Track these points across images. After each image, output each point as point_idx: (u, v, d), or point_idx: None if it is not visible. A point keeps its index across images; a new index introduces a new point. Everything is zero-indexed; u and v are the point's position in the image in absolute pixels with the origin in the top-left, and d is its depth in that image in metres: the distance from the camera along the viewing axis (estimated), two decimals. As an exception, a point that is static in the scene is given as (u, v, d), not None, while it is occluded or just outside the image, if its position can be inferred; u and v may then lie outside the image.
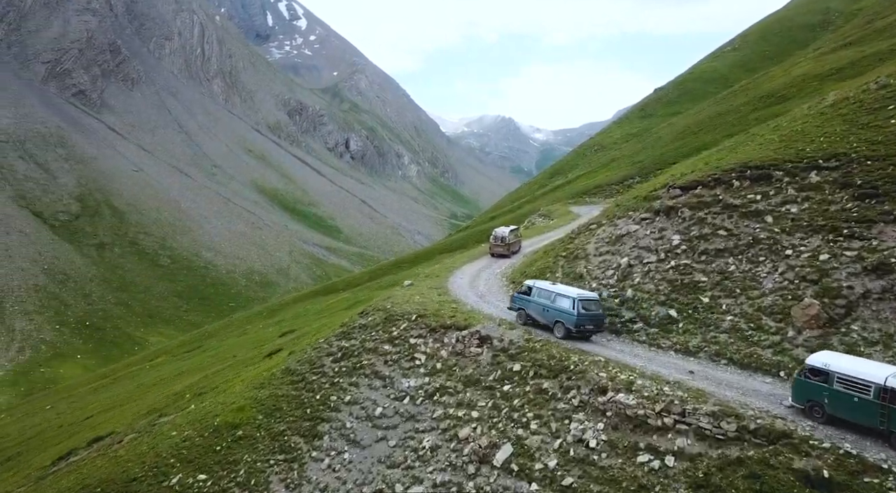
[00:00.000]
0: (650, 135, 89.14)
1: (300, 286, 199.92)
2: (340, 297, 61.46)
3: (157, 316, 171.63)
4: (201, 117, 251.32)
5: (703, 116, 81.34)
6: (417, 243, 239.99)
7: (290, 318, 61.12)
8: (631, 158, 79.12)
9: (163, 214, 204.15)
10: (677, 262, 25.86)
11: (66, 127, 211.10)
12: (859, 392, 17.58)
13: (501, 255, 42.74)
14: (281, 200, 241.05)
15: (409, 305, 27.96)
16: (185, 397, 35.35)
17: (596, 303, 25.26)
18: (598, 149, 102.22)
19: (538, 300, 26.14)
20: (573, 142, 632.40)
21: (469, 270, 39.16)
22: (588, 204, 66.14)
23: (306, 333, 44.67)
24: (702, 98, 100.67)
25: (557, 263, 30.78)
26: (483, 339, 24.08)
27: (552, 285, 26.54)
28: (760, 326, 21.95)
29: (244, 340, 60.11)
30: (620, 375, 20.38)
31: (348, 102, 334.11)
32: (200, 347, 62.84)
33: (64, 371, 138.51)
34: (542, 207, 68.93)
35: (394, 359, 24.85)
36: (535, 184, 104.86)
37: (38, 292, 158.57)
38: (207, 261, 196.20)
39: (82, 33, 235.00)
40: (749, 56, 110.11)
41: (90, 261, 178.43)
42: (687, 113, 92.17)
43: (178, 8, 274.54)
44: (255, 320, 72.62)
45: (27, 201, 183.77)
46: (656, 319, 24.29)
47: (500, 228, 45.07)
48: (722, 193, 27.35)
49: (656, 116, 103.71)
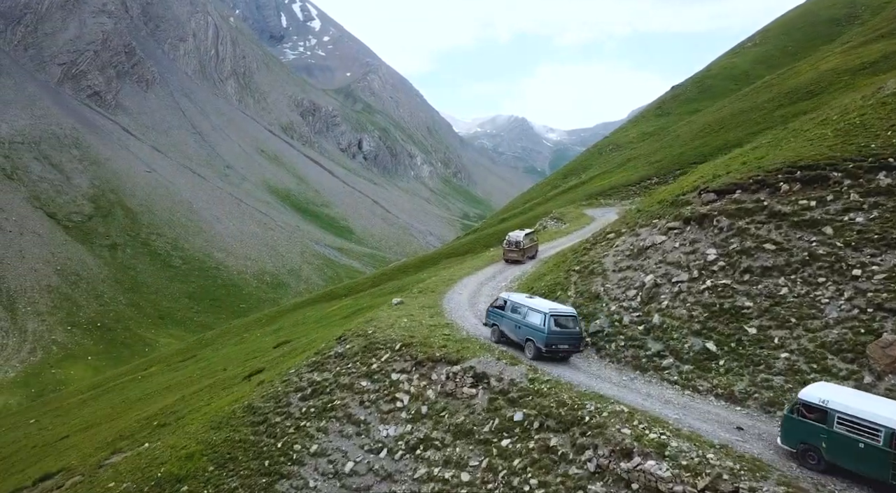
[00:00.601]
0: (668, 133, 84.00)
1: (311, 287, 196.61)
2: (341, 304, 57.18)
3: (168, 317, 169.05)
4: (215, 118, 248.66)
5: (725, 113, 76.10)
6: (429, 244, 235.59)
7: (289, 326, 56.93)
8: (648, 158, 74.11)
9: (175, 215, 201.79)
10: (714, 282, 21.05)
11: (81, 128, 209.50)
12: (866, 437, 13.86)
13: (516, 261, 38.97)
14: (293, 201, 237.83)
15: (393, 330, 23.40)
16: (151, 426, 31.16)
17: (572, 319, 21.97)
18: (614, 148, 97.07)
19: (511, 316, 23.07)
20: (587, 142, 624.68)
21: (472, 281, 34.50)
22: (603, 206, 61.25)
23: (299, 348, 40.35)
24: (721, 95, 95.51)
25: (570, 278, 26.05)
26: (478, 377, 19.47)
27: (526, 299, 23.35)
28: (826, 367, 17.14)
29: (239, 350, 55.99)
30: (649, 432, 15.66)
31: (361, 102, 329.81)
32: (195, 356, 58.86)
33: (74, 373, 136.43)
34: (555, 209, 64.07)
35: (371, 399, 20.29)
36: (548, 184, 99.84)
37: (50, 293, 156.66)
38: (219, 262, 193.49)
39: (98, 35, 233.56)
40: (771, 52, 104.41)
41: (102, 262, 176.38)
42: (706, 111, 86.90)
43: (193, 9, 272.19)
44: (254, 326, 68.57)
45: (41, 202, 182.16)
46: (690, 353, 19.51)
47: (515, 232, 41.01)
48: (767, 199, 22.49)
49: (673, 115, 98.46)
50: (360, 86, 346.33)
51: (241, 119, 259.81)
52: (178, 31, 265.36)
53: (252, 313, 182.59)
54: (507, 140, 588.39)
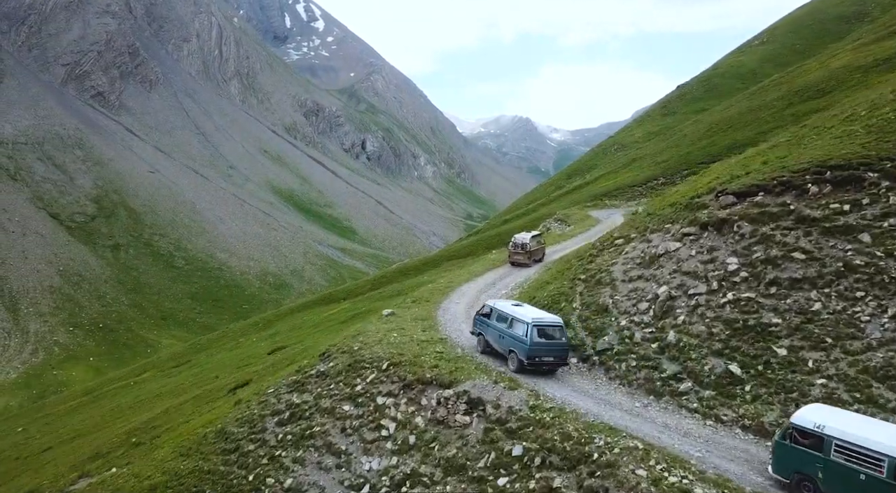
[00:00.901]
0: (674, 133, 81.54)
1: (314, 288, 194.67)
2: (340, 307, 54.95)
3: (170, 318, 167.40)
4: (218, 119, 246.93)
5: (732, 112, 73.62)
6: (432, 245, 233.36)
7: (286, 331, 54.75)
8: (654, 158, 71.70)
9: (178, 216, 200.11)
10: (737, 295, 18.73)
11: (85, 129, 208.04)
12: (868, 467, 12.02)
13: (522, 264, 37.21)
14: (296, 202, 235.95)
15: (381, 346, 21.12)
16: (128, 443, 29.04)
17: (559, 329, 20.18)
18: (619, 148, 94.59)
19: (496, 325, 21.36)
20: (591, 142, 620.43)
21: (471, 289, 32.18)
22: (608, 207, 58.89)
23: (289, 357, 38.17)
24: (728, 94, 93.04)
25: (575, 288, 23.73)
26: (473, 403, 17.19)
27: (512, 307, 21.57)
28: (871, 397, 14.81)
29: (233, 356, 53.86)
30: (668, 475, 13.37)
31: (365, 102, 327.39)
32: (189, 362, 56.73)
33: (76, 374, 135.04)
34: (559, 210, 61.71)
35: (354, 426, 18.03)
36: (552, 185, 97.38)
37: (52, 294, 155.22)
38: (222, 262, 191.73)
39: (101, 36, 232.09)
40: (778, 50, 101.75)
41: (105, 262, 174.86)
42: (713, 110, 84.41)
43: (197, 10, 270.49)
44: (251, 331, 66.38)
45: (44, 203, 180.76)
46: (711, 376, 17.20)
47: (521, 234, 39.13)
48: (793, 202, 20.15)
49: (679, 114, 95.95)
50: (363, 86, 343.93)
51: (244, 119, 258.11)
52: (181, 31, 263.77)
53: (254, 314, 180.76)
54: (511, 140, 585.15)
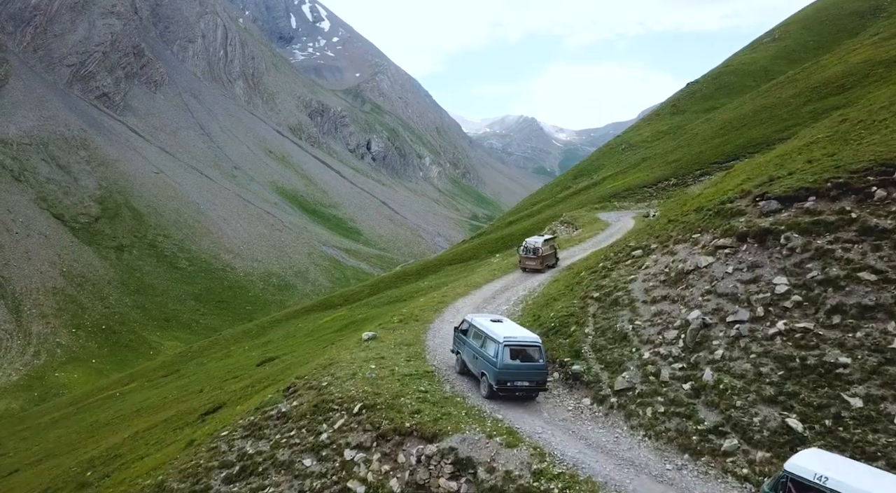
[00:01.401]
0: (684, 132, 77.52)
1: (318, 289, 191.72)
2: (336, 314, 51.35)
3: (173, 320, 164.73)
4: (223, 119, 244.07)
5: (746, 110, 69.60)
6: (437, 245, 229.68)
7: (279, 339, 51.22)
8: (664, 158, 67.77)
9: (182, 216, 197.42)
10: (789, 324, 14.90)
11: (89, 129, 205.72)
12: None
13: (535, 270, 33.68)
14: (301, 202, 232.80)
15: (355, 382, 17.39)
16: (82, 477, 25.44)
17: (536, 349, 17.05)
18: (627, 147, 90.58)
19: (471, 343, 18.43)
20: (597, 142, 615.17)
21: (468, 304, 28.37)
22: (618, 210, 54.97)
23: (285, 368, 34.58)
24: (740, 92, 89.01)
25: (587, 308, 19.93)
26: (461, 464, 13.44)
27: (489, 323, 18.42)
28: None
29: (222, 366, 50.38)
30: None
31: (370, 103, 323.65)
32: (178, 371, 53.29)
33: (77, 376, 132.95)
34: (566, 212, 57.85)
35: (315, 488, 14.30)
36: (558, 185, 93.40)
37: (55, 295, 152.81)
38: (226, 263, 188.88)
39: (106, 36, 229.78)
40: (791, 47, 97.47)
41: (108, 263, 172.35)
42: (725, 108, 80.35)
43: (202, 11, 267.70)
44: (243, 338, 62.86)
45: (48, 204, 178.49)
46: (764, 432, 13.34)
47: (533, 238, 35.59)
48: (855, 208, 16.32)
49: (689, 112, 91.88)
50: (368, 86, 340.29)
51: (249, 120, 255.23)
52: (187, 32, 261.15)
53: (258, 315, 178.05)
54: (517, 140, 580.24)
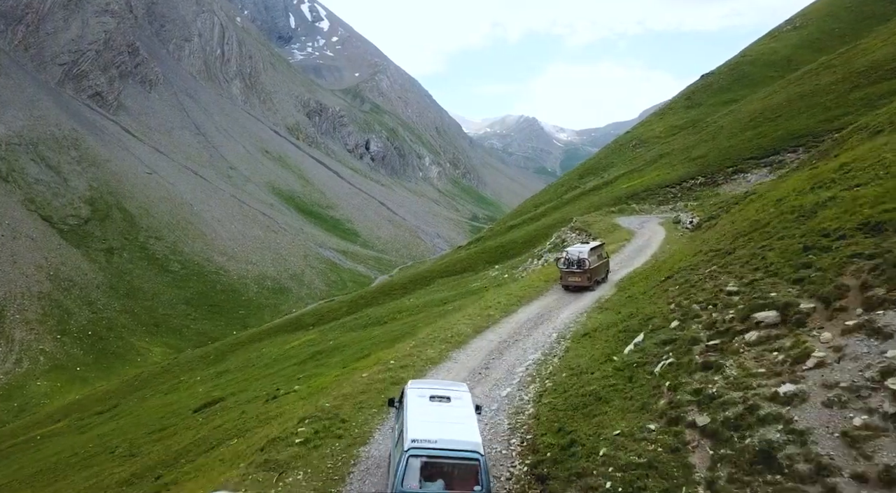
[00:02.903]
0: (705, 125, 69.27)
1: (314, 293, 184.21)
2: (305, 337, 43.43)
3: (163, 325, 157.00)
4: (219, 119, 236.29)
5: (777, 100, 61.35)
6: (437, 247, 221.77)
7: (237, 367, 43.31)
8: (686, 154, 59.60)
9: (175, 218, 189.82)
10: None
11: (81, 129, 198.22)
12: None
13: (580, 287, 25.17)
14: (297, 203, 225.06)
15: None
16: None
17: (469, 468, 9.28)
18: (638, 144, 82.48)
19: (396, 429, 11.49)
20: (598, 142, 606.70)
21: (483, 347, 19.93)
22: (637, 214, 46.85)
23: (226, 413, 26.72)
24: (761, 83, 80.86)
25: (686, 456, 11.42)
26: None
27: (418, 403, 10.73)
28: None
29: (161, 404, 42.11)
30: None
31: (369, 102, 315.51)
32: (115, 407, 45.40)
33: (61, 385, 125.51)
34: (575, 216, 49.65)
35: None
36: (563, 186, 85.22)
37: (41, 300, 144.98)
38: (219, 266, 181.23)
39: (100, 35, 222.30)
40: (815, 35, 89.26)
41: (97, 267, 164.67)
42: (749, 99, 72.02)
43: (199, 9, 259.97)
44: (199, 365, 54.65)
45: (36, 205, 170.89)
46: None
47: (576, 247, 27.09)
48: None
49: (706, 106, 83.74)
50: (367, 86, 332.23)
51: (245, 120, 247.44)
52: (183, 31, 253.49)
53: (251, 319, 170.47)
54: (517, 141, 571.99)
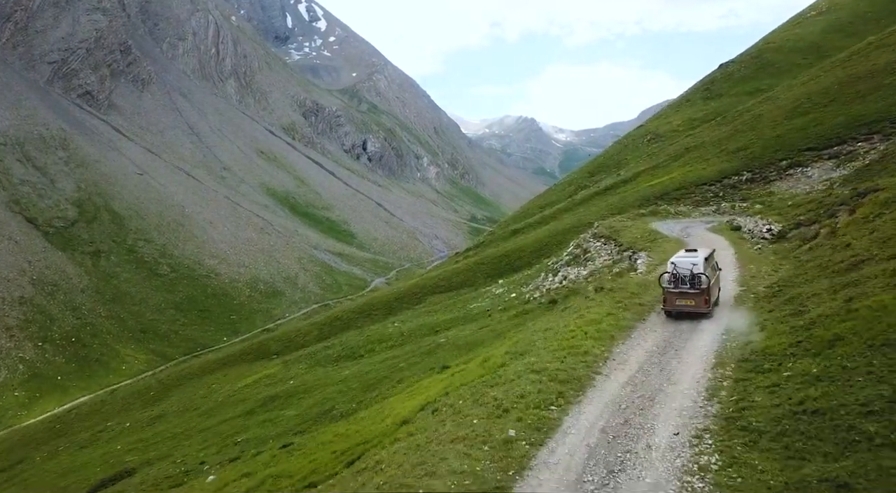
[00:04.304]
0: (736, 115, 59.63)
1: (308, 296, 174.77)
2: (264, 371, 34.07)
3: (150, 331, 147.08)
4: (213, 118, 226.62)
5: (825, 83, 51.96)
6: (435, 249, 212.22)
7: (175, 412, 34.14)
8: (719, 146, 50.19)
9: (165, 220, 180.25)
10: None
11: (69, 129, 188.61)
12: None
13: (694, 314, 15.79)
14: (292, 204, 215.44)
15: None
16: None
17: None
18: (653, 138, 73.06)
19: None
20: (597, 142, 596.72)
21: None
22: (674, 217, 37.16)
23: None
24: (788, 71, 71.67)
25: None
26: None
27: None
28: None
29: (65, 468, 32.61)
30: None
31: (367, 103, 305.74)
32: (19, 464, 35.94)
33: (40, 395, 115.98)
34: (596, 220, 39.91)
35: None
36: (571, 184, 75.67)
37: (22, 305, 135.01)
38: (210, 269, 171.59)
39: (91, 33, 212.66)
40: (845, 19, 79.83)
41: (83, 270, 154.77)
42: (786, 85, 62.42)
43: (194, 8, 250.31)
44: (135, 405, 44.84)
45: (21, 207, 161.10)
46: None
47: (684, 256, 17.34)
48: None
49: (728, 96, 74.32)
50: (365, 86, 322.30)
51: (240, 120, 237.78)
52: (177, 29, 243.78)
53: (242, 325, 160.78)
54: (516, 141, 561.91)
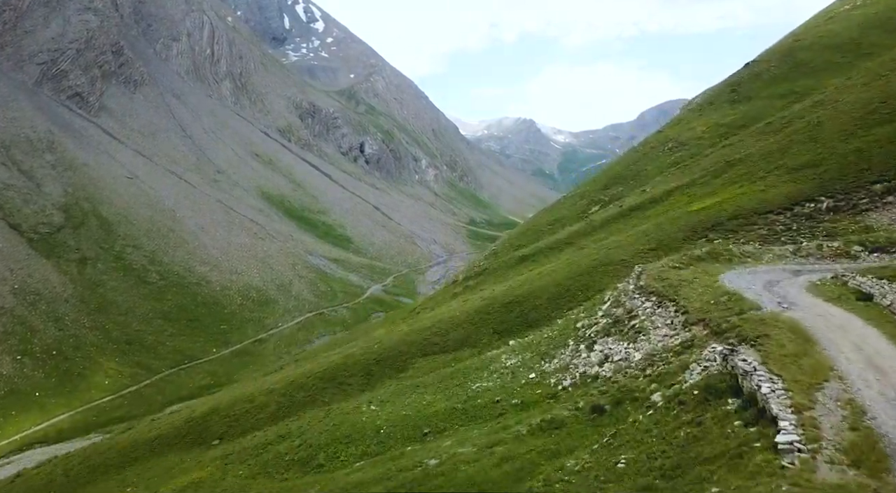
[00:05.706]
0: (784, 123, 49.69)
1: (301, 304, 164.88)
2: (195, 474, 24.35)
3: (136, 342, 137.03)
4: (207, 120, 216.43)
5: None
6: (433, 254, 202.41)
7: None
8: (774, 162, 40.41)
9: (156, 225, 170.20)
10: None
11: (58, 131, 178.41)
12: None
13: None
14: (287, 208, 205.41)
15: None
16: None
17: None
18: (676, 146, 63.26)
19: None
20: (596, 144, 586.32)
21: None
22: (742, 261, 27.31)
23: None
24: (825, 70, 62.06)
25: None
26: None
27: None
28: None
29: None
30: None
31: (364, 104, 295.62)
32: None
33: (16, 413, 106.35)
34: (632, 258, 29.83)
35: None
36: (583, 198, 65.73)
37: (2, 317, 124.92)
38: (201, 277, 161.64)
39: (82, 33, 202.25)
40: (884, 13, 70.20)
41: (68, 278, 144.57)
42: (843, 85, 52.56)
43: (188, 9, 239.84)
44: None
45: (5, 212, 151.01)
46: None
47: None
48: None
49: (759, 99, 64.46)
50: (363, 87, 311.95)
51: (235, 122, 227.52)
52: (171, 30, 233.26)
53: (233, 335, 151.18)
54: (515, 142, 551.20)
